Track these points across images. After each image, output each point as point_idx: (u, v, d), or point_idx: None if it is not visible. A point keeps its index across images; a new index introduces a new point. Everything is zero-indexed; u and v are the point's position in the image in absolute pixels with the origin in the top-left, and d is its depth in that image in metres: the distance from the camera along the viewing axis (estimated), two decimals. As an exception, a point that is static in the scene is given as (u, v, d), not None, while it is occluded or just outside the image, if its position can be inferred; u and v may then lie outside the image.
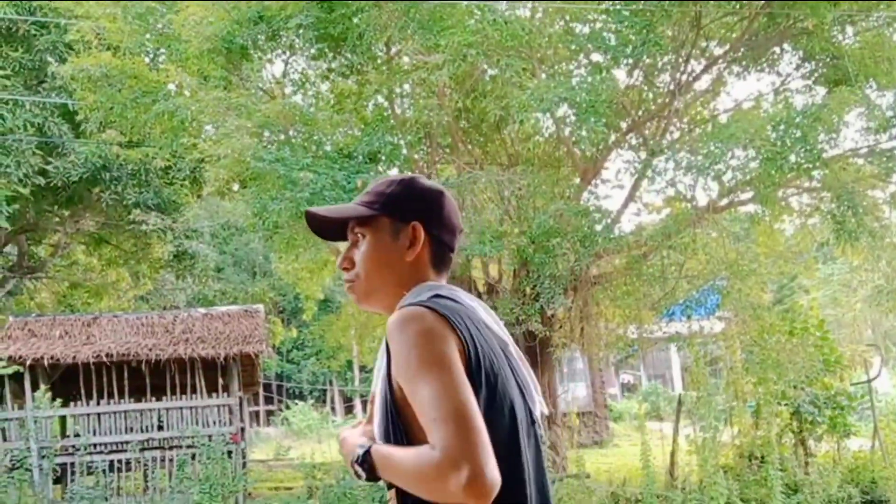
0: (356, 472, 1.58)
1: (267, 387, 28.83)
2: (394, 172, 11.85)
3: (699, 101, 11.62)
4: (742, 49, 10.77)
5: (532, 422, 1.70)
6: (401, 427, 1.57)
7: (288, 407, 28.01)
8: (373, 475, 1.56)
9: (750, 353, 10.98)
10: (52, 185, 13.89)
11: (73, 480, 10.85)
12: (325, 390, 33.40)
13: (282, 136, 10.64)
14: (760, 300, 11.10)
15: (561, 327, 11.82)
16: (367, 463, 1.56)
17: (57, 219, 17.08)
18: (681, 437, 10.80)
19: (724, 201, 10.84)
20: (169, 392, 12.17)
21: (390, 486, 1.59)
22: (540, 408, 1.75)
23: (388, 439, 1.58)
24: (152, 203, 14.15)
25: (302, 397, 31.45)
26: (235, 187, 13.74)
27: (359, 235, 1.76)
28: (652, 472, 9.08)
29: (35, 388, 11.19)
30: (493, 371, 1.60)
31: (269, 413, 31.23)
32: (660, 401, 21.61)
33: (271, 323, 20.24)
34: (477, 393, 1.52)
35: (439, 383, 1.47)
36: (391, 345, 1.56)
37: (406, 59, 10.50)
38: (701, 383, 10.18)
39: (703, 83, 11.30)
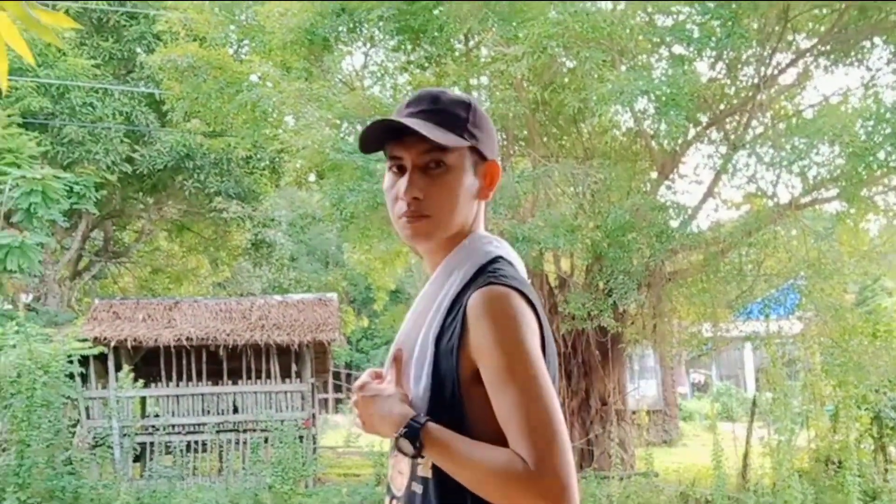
0: (401, 445, 1.44)
1: (336, 375, 29.19)
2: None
3: (784, 95, 11.32)
4: (830, 42, 10.46)
5: None
6: (460, 408, 1.45)
7: (357, 396, 28.36)
8: (419, 453, 1.43)
9: (830, 354, 10.68)
10: (137, 172, 14.38)
11: (151, 459, 11.11)
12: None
13: (360, 128, 10.79)
14: (842, 301, 10.79)
15: (633, 323, 11.71)
16: (418, 438, 1.41)
17: (141, 205, 17.66)
18: (754, 439, 10.59)
19: (807, 198, 10.57)
20: (244, 376, 12.43)
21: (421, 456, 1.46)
22: None
23: (436, 417, 1.44)
24: (233, 192, 14.52)
25: (370, 387, 31.74)
26: (312, 178, 14.01)
27: (440, 164, 1.52)
28: (723, 473, 8.93)
29: (118, 368, 11.47)
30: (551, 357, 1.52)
31: (338, 401, 31.63)
32: (732, 401, 21.19)
33: (343, 312, 20.53)
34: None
35: (543, 392, 1.40)
36: (485, 325, 1.41)
37: (484, 50, 10.53)
38: (777, 384, 9.97)
39: (789, 77, 11.01)
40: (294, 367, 12.54)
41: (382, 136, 1.55)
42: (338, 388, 32.04)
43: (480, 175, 1.58)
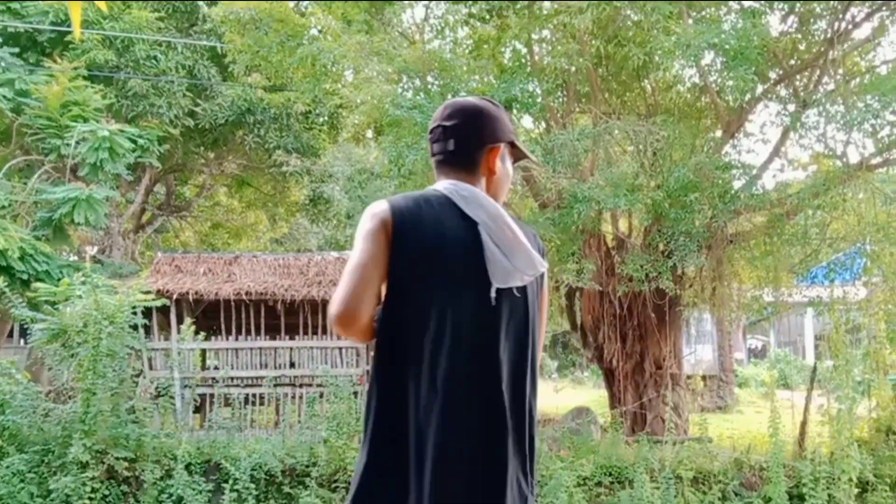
0: None
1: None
2: (527, 120, 11.75)
3: (857, 50, 10.87)
4: (909, -4, 10.01)
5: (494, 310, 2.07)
6: None
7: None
8: None
9: (896, 322, 10.38)
10: (199, 126, 14.54)
11: (211, 410, 11.32)
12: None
13: (418, 83, 10.70)
14: (913, 267, 10.45)
15: (691, 286, 11.51)
16: None
17: (202, 160, 17.90)
18: (812, 407, 10.38)
19: (878, 159, 10.18)
20: (301, 332, 12.60)
21: None
22: (522, 280, 2.09)
23: None
24: (292, 147, 14.60)
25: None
26: (369, 134, 13.99)
27: None
28: (780, 440, 8.77)
29: (180, 321, 11.68)
30: (414, 261, 2.08)
31: (392, 359, 31.92)
32: (790, 368, 20.84)
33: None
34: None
35: (350, 260, 2.10)
36: None
37: (547, 3, 10.30)
38: (840, 352, 9.72)
39: (863, 32, 10.56)
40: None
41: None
42: (391, 346, 32.36)
43: None
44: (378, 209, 2.11)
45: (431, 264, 2.07)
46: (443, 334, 2.03)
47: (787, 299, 12.07)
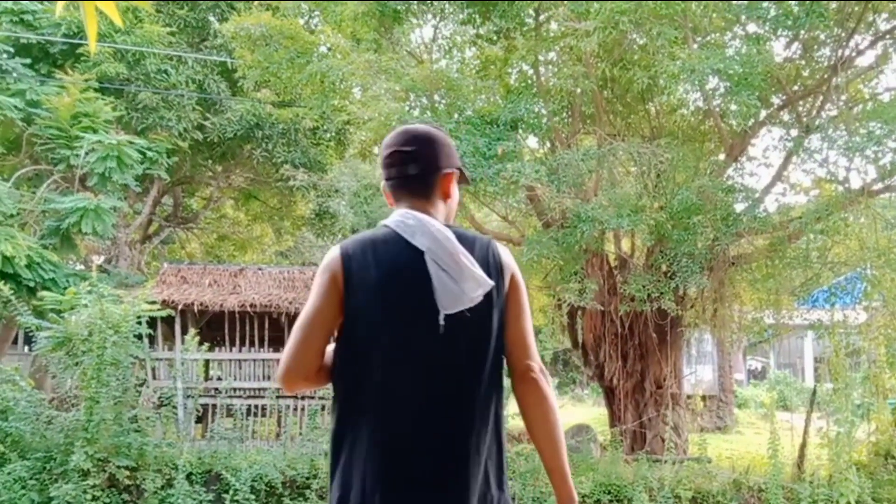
0: None
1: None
2: (533, 140, 11.85)
3: (860, 77, 10.99)
4: (912, 24, 10.12)
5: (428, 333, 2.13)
6: None
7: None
8: None
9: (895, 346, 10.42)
10: (208, 140, 14.65)
11: (213, 421, 11.32)
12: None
13: (425, 101, 10.83)
14: (912, 292, 10.50)
15: (692, 307, 11.57)
16: None
17: (210, 173, 18.01)
18: (811, 430, 10.41)
19: (880, 185, 10.27)
20: (304, 344, 12.61)
21: None
22: (461, 305, 2.12)
23: None
24: (299, 162, 14.69)
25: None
26: (376, 150, 14.09)
27: None
28: (779, 462, 8.81)
29: (184, 331, 11.62)
30: (361, 308, 2.16)
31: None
32: (789, 390, 20.83)
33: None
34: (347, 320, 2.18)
35: (301, 316, 2.18)
36: None
37: (554, 25, 10.42)
38: (839, 375, 9.76)
39: (867, 59, 10.68)
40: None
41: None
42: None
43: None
44: (329, 260, 2.20)
45: (379, 305, 2.13)
46: (388, 376, 2.11)
47: (788, 322, 12.12)
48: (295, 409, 12.16)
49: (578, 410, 20.88)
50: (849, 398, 9.43)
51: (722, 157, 11.30)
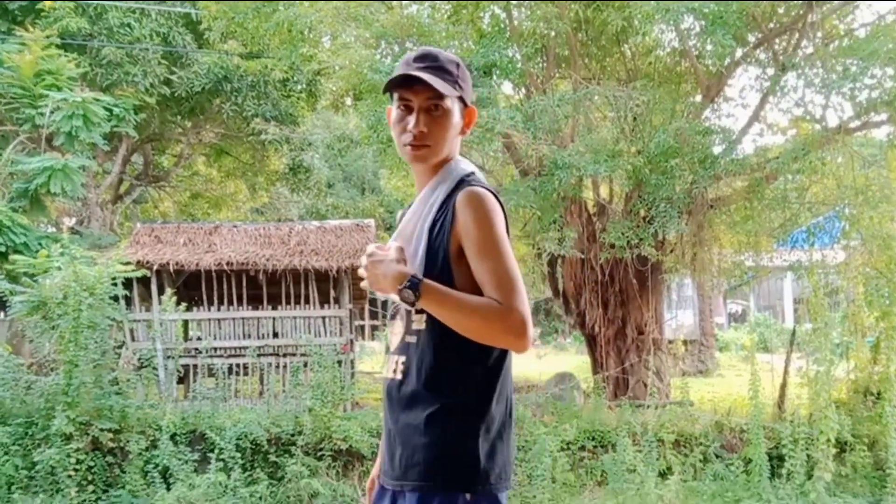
0: (403, 295, 1.92)
1: (372, 302, 29.37)
2: (507, 86, 11.67)
3: (836, 13, 10.86)
4: (888, -42, 9.99)
5: None
6: (448, 275, 1.98)
7: (392, 323, 28.33)
8: (415, 301, 1.92)
9: (874, 285, 10.47)
10: (175, 95, 14.33)
11: (195, 381, 11.29)
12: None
13: (397, 49, 10.60)
14: (890, 230, 10.53)
15: (672, 252, 11.57)
16: (417, 289, 1.91)
17: (180, 129, 17.69)
18: (791, 370, 10.51)
19: (857, 123, 10.22)
20: (283, 301, 12.55)
21: (418, 311, 2.01)
22: None
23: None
24: (270, 115, 14.45)
25: (405, 314, 31.77)
26: (348, 101, 13.87)
27: (438, 108, 2.06)
28: (760, 402, 8.89)
29: (161, 291, 11.49)
30: None
31: (374, 328, 31.88)
32: (770, 332, 21.07)
33: (379, 238, 20.63)
34: None
35: (509, 259, 1.95)
36: (468, 213, 1.96)
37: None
38: (819, 315, 9.81)
39: (843, -5, 10.56)
40: (332, 293, 12.63)
41: (394, 84, 2.06)
42: (374, 315, 32.36)
43: (462, 117, 2.14)
44: (497, 205, 2.04)
45: None
46: None
47: (767, 264, 12.17)
48: (277, 367, 12.14)
49: (561, 359, 21.03)
50: (828, 337, 9.49)
51: (698, 98, 11.21)
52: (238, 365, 12.15)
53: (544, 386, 11.79)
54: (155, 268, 11.88)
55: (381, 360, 14.77)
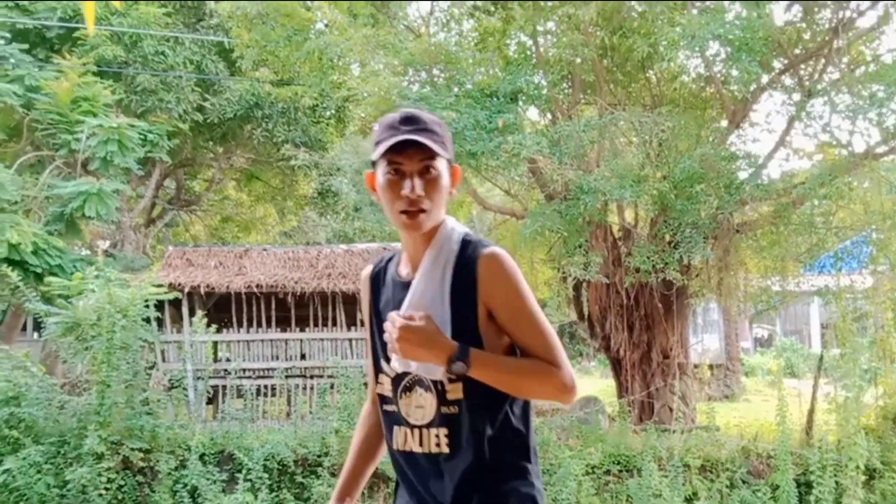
0: (455, 367, 1.90)
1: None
2: (533, 111, 11.79)
3: (862, 39, 10.87)
4: (914, -16, 10.01)
5: None
6: (478, 341, 1.97)
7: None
8: (466, 372, 1.92)
9: (904, 310, 10.40)
10: (208, 121, 14.62)
11: (223, 402, 11.35)
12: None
13: (424, 76, 10.77)
14: (918, 255, 10.47)
15: (698, 276, 11.56)
16: (468, 360, 1.90)
17: (211, 154, 17.98)
18: (819, 395, 10.42)
19: (884, 148, 10.21)
20: (311, 324, 12.67)
21: (453, 381, 1.99)
22: None
23: None
24: (300, 141, 14.66)
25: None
26: (376, 127, 14.01)
27: (431, 170, 1.98)
28: (787, 428, 8.83)
29: (192, 313, 11.60)
30: None
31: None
32: (796, 357, 20.85)
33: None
34: None
35: (543, 319, 1.99)
36: (496, 280, 1.97)
37: (552, -5, 10.33)
38: (847, 340, 9.75)
39: (868, 20, 10.58)
40: (359, 315, 12.70)
41: (388, 148, 1.96)
42: (400, 338, 32.23)
43: (449, 176, 2.04)
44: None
45: None
46: None
47: (794, 288, 12.10)
48: (304, 389, 12.22)
49: (586, 382, 20.94)
50: (856, 363, 9.42)
51: (724, 123, 11.24)
52: (266, 386, 12.24)
53: (569, 409, 11.78)
54: (186, 290, 12.04)
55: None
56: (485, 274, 1.97)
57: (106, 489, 7.86)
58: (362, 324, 8.65)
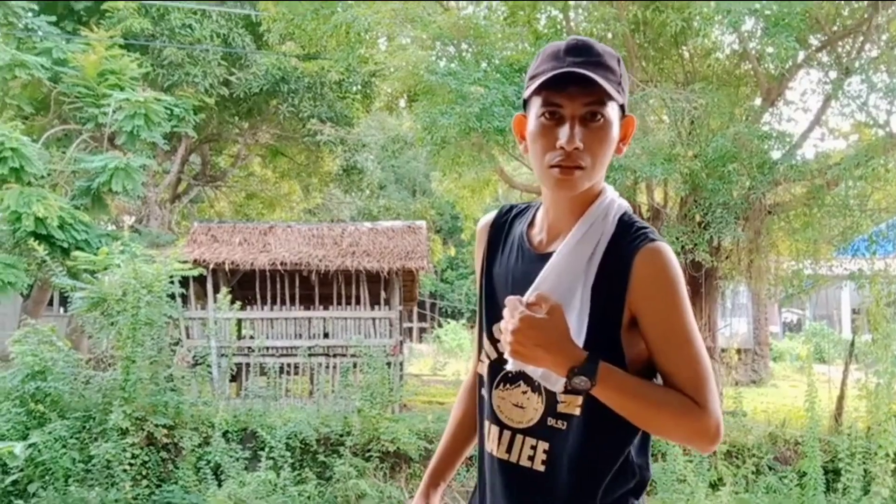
0: (575, 381, 1.47)
1: (421, 304, 29.35)
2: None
3: (903, 16, 10.58)
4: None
5: None
6: (618, 353, 1.55)
7: (440, 325, 28.24)
8: (589, 388, 1.49)
9: (939, 294, 10.18)
10: (234, 96, 14.57)
11: (247, 379, 11.41)
12: (475, 311, 33.69)
13: (452, 50, 10.61)
14: (956, 238, 10.22)
15: (728, 258, 11.37)
16: (594, 376, 1.47)
17: (237, 130, 17.95)
18: (850, 381, 10.24)
19: (922, 128, 9.94)
20: (335, 302, 12.62)
21: (570, 392, 1.57)
22: None
23: None
24: (325, 116, 14.58)
25: (454, 316, 31.82)
26: (402, 103, 13.92)
27: (598, 117, 1.54)
28: (816, 414, 8.68)
29: (216, 290, 11.58)
30: None
31: (422, 330, 31.91)
32: (826, 342, 20.56)
33: (430, 241, 20.64)
34: None
35: (703, 348, 1.57)
36: (656, 284, 1.54)
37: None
38: (879, 325, 9.55)
39: (910, -3, 10.27)
40: (383, 294, 12.66)
41: (545, 84, 1.53)
42: (422, 318, 32.36)
43: (620, 129, 1.60)
44: None
45: None
46: None
47: (826, 272, 11.88)
48: (327, 367, 12.20)
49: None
50: (888, 348, 9.23)
51: (758, 101, 11.00)
52: (289, 364, 12.24)
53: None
54: (211, 267, 12.02)
55: (428, 363, 14.67)
56: (642, 271, 1.54)
57: (130, 465, 7.91)
58: (386, 303, 8.54)
